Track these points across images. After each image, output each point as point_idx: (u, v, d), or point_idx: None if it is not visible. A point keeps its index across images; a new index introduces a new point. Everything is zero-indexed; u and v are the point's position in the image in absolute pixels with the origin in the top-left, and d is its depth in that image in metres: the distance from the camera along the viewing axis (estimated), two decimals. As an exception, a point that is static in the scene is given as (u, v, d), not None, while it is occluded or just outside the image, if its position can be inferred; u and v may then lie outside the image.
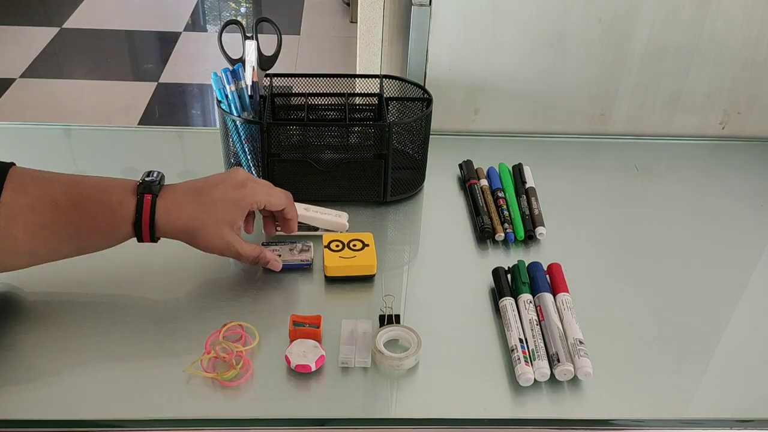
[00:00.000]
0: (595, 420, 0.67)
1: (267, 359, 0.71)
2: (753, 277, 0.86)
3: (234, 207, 0.74)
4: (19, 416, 0.65)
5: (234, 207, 0.74)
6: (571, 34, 1.03)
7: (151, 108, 2.65)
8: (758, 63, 1.07)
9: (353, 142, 0.92)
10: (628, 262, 0.87)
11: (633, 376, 0.72)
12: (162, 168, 1.00)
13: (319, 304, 0.78)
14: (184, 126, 2.61)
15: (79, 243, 0.70)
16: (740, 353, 0.75)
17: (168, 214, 0.71)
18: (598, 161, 1.07)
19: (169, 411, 0.66)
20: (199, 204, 0.72)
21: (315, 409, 0.67)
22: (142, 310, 0.76)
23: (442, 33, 1.02)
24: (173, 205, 0.71)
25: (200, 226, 0.72)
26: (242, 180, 0.75)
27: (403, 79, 0.98)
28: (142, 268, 0.82)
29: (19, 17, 3.32)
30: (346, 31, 3.31)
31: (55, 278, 0.79)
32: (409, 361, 0.70)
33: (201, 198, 0.73)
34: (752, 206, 0.98)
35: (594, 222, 0.94)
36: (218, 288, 0.80)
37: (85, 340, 0.72)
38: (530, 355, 0.71)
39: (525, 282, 0.78)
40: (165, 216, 0.71)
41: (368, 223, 0.90)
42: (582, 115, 1.11)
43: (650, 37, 1.04)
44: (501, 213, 0.90)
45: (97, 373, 0.69)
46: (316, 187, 0.91)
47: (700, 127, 1.13)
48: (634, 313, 0.79)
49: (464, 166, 0.99)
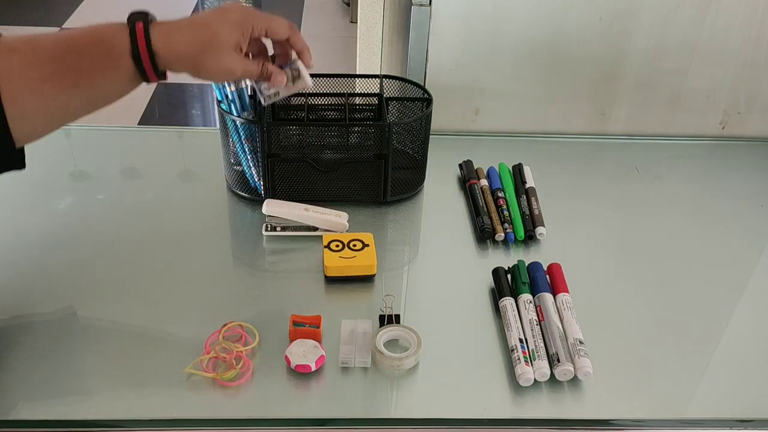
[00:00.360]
0: (595, 420, 0.67)
1: (267, 359, 0.71)
2: (753, 277, 0.86)
3: (235, 27, 0.71)
4: (19, 416, 0.65)
5: (235, 27, 0.71)
6: (571, 34, 1.03)
7: (151, 108, 2.65)
8: (758, 62, 1.07)
9: (353, 142, 0.92)
10: (628, 262, 0.87)
11: (633, 376, 0.72)
12: (162, 168, 1.01)
13: (319, 304, 0.78)
14: (184, 126, 2.61)
15: (87, 91, 0.66)
16: (740, 353, 0.75)
17: (167, 41, 0.67)
18: (598, 161, 1.07)
19: (169, 411, 0.66)
20: (198, 28, 0.69)
21: (315, 409, 0.67)
22: (142, 310, 0.76)
23: (442, 33, 1.02)
24: (171, 32, 0.68)
25: (204, 49, 0.69)
26: (239, 5, 0.72)
27: (403, 79, 0.98)
28: (142, 267, 0.82)
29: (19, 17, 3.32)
30: (346, 31, 3.31)
31: (55, 278, 0.80)
32: (409, 361, 0.70)
33: (199, 22, 0.70)
34: (752, 206, 0.98)
35: (594, 222, 0.94)
36: (218, 288, 0.80)
37: (85, 340, 0.72)
38: (530, 355, 0.71)
39: (525, 282, 0.78)
40: (163, 42, 0.67)
41: (368, 223, 0.90)
42: (582, 115, 1.11)
43: (650, 37, 1.04)
44: (501, 213, 0.90)
45: (97, 373, 0.69)
46: (316, 187, 0.91)
47: (700, 127, 1.13)
48: (634, 313, 0.79)
49: (464, 166, 0.99)
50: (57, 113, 0.66)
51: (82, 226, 0.88)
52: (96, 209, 0.91)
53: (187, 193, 0.96)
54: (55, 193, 0.94)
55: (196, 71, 0.70)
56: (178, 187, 0.97)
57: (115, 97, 0.69)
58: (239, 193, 0.93)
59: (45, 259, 0.82)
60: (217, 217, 0.92)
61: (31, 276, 0.80)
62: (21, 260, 0.82)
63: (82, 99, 0.67)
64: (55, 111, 0.66)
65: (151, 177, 0.99)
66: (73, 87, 0.65)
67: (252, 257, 0.86)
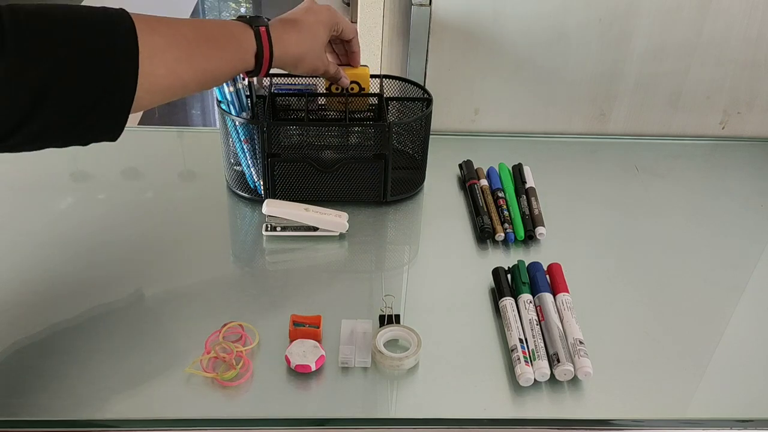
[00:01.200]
0: (595, 420, 0.67)
1: (267, 359, 0.71)
2: (753, 277, 0.86)
3: (326, 28, 0.83)
4: (19, 416, 0.65)
5: (326, 28, 0.83)
6: (571, 34, 1.03)
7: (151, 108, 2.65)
8: (758, 63, 1.07)
9: (353, 142, 0.92)
10: (628, 262, 0.87)
11: (633, 376, 0.72)
12: (162, 168, 1.01)
13: (319, 304, 0.78)
14: (184, 126, 2.61)
15: (208, 76, 0.72)
16: (740, 353, 0.75)
17: (283, 44, 0.77)
18: (598, 161, 1.07)
19: (169, 411, 0.66)
20: (302, 31, 0.80)
21: (315, 409, 0.67)
22: (142, 310, 0.76)
23: (442, 33, 1.02)
24: (283, 35, 0.78)
25: (309, 50, 0.81)
26: (320, 6, 0.83)
27: (403, 79, 0.98)
28: (142, 267, 0.82)
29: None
30: (346, 31, 3.30)
31: (55, 278, 0.80)
32: (409, 361, 0.70)
33: (301, 25, 0.80)
34: (752, 206, 0.98)
35: (594, 222, 0.94)
36: (218, 288, 0.80)
37: (85, 340, 0.72)
38: (530, 355, 0.71)
39: (525, 282, 0.78)
40: (281, 46, 0.77)
41: (368, 223, 0.90)
42: (582, 115, 1.11)
43: (650, 37, 1.04)
44: (501, 213, 0.90)
45: (96, 373, 0.69)
46: (316, 187, 0.91)
47: (700, 127, 1.13)
48: (634, 313, 0.79)
49: (464, 166, 0.99)
50: (177, 90, 0.70)
51: (82, 226, 0.88)
52: (96, 209, 0.91)
53: (187, 193, 0.96)
54: (55, 193, 0.94)
55: (295, 68, 0.82)
56: (178, 187, 0.97)
57: (220, 84, 0.81)
58: (239, 193, 0.93)
59: (44, 259, 0.82)
60: (217, 217, 0.92)
61: (31, 276, 0.80)
62: (21, 260, 0.82)
63: (200, 82, 0.72)
64: (177, 89, 0.69)
65: (151, 177, 0.99)
66: (201, 71, 0.70)
67: (252, 257, 0.86)
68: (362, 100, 0.94)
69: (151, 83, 0.65)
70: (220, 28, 0.73)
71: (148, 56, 0.63)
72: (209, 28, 0.72)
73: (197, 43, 0.70)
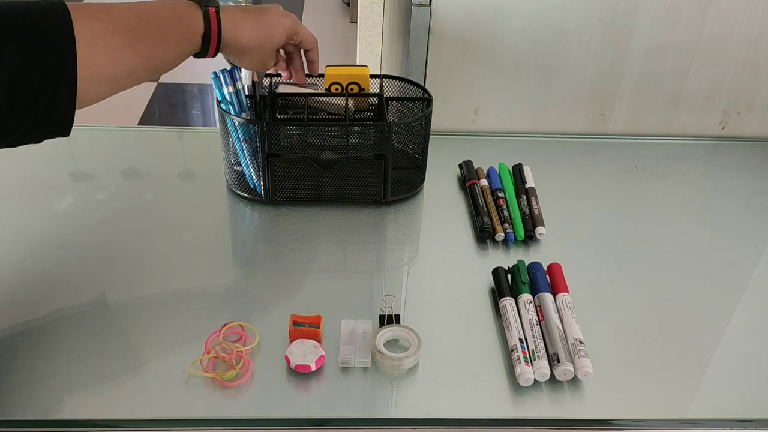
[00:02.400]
0: (595, 420, 0.67)
1: (267, 359, 0.71)
2: (753, 277, 0.86)
3: (286, 33, 0.81)
4: (19, 416, 0.65)
5: (286, 33, 0.81)
6: (571, 34, 1.03)
7: (151, 108, 2.65)
8: (758, 63, 1.07)
9: (353, 142, 0.92)
10: (628, 262, 0.87)
11: (633, 376, 0.72)
12: (162, 168, 1.01)
13: (319, 304, 0.78)
14: (184, 126, 2.61)
15: (155, 62, 0.71)
16: (740, 353, 0.75)
17: (234, 29, 0.76)
18: (598, 161, 1.07)
19: (169, 411, 0.66)
20: (260, 26, 0.78)
21: (315, 409, 0.67)
22: (142, 311, 0.76)
23: (442, 33, 1.02)
24: (237, 22, 0.76)
25: (258, 45, 0.79)
26: (285, 11, 0.82)
27: (403, 79, 0.98)
28: (141, 267, 0.82)
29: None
30: (346, 31, 3.31)
31: (55, 278, 0.80)
32: (409, 361, 0.70)
33: (259, 19, 0.79)
34: (752, 206, 0.98)
35: (594, 222, 0.94)
36: (218, 288, 0.80)
37: (85, 340, 0.72)
38: (530, 355, 0.71)
39: (525, 282, 0.78)
40: (231, 30, 0.75)
41: (368, 223, 0.90)
42: (582, 115, 1.11)
43: (650, 37, 1.04)
44: (501, 213, 0.90)
45: (96, 374, 0.69)
46: (316, 187, 0.91)
47: (700, 127, 1.13)
48: (634, 313, 0.79)
49: (464, 166, 0.99)
50: (124, 80, 0.69)
51: (82, 226, 0.88)
52: (96, 209, 0.91)
53: (187, 193, 0.96)
54: (55, 193, 0.94)
55: (241, 59, 0.80)
56: (178, 187, 0.97)
57: (171, 68, 0.75)
58: (239, 193, 0.93)
59: (45, 259, 0.82)
60: (217, 217, 0.92)
61: (31, 276, 0.80)
62: (21, 260, 0.82)
63: (148, 68, 0.70)
64: (123, 78, 0.69)
65: (151, 177, 0.98)
66: (147, 57, 0.69)
67: (252, 257, 0.86)
68: (362, 100, 0.94)
69: (94, 72, 0.64)
70: (165, 10, 0.72)
71: (87, 44, 0.63)
72: (154, 11, 0.70)
73: (141, 28, 0.68)
